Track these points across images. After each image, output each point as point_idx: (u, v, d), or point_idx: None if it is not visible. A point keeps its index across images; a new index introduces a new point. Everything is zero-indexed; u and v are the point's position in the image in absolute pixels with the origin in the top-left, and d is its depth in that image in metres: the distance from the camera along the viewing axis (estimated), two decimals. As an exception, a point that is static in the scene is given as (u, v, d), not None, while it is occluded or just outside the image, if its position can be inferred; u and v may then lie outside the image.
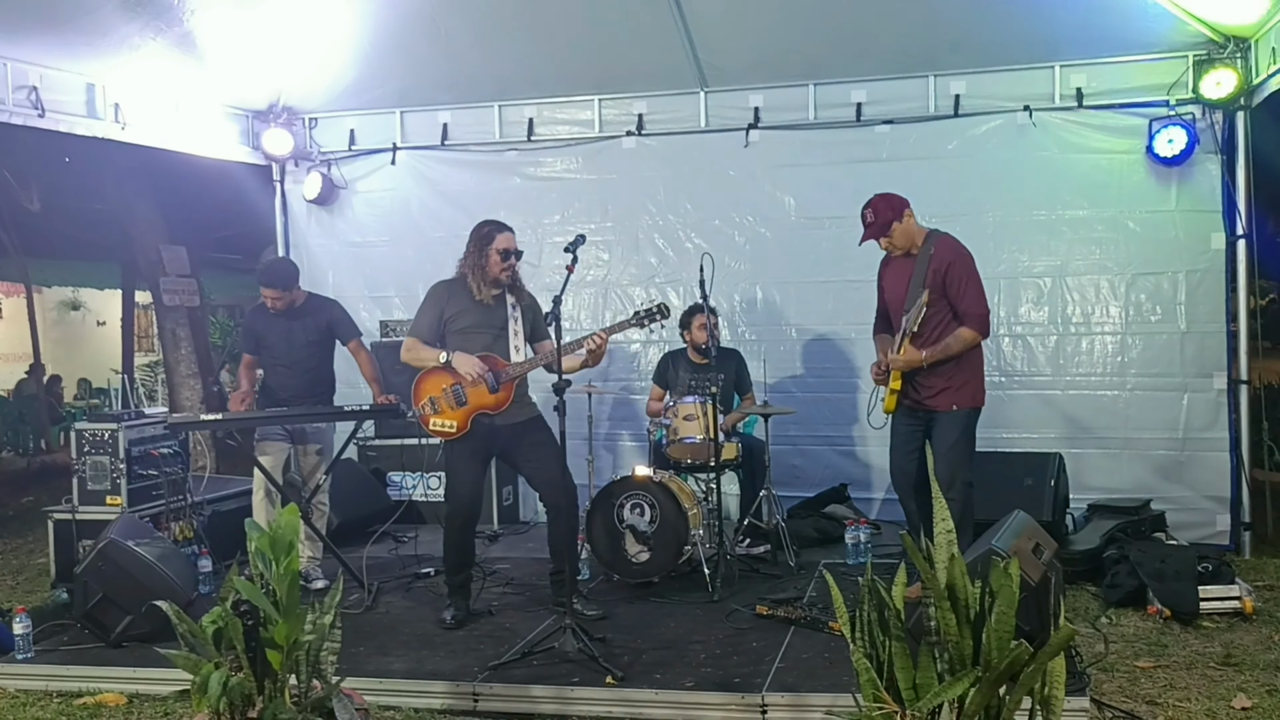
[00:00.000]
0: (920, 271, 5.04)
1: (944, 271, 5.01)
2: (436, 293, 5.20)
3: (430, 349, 5.08)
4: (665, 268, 7.44)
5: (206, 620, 3.27)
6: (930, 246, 5.07)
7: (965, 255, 5.08)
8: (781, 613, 4.97)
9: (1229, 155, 6.35)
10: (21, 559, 7.43)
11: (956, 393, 5.05)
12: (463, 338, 5.08)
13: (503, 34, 6.81)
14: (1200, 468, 6.49)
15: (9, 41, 5.74)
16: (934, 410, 5.09)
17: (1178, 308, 6.56)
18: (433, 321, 5.13)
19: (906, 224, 5.07)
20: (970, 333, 5.02)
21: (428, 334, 5.14)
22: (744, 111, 7.16)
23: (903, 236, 5.08)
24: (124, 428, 5.93)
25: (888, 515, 6.84)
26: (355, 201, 7.93)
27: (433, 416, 5.04)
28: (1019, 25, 6.31)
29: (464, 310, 5.09)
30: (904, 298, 5.09)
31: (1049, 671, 2.84)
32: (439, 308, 5.13)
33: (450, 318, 5.10)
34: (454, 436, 5.05)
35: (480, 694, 4.24)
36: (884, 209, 5.07)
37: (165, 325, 10.58)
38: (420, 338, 5.13)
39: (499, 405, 5.01)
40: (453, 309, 5.10)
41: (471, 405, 5.01)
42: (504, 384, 4.99)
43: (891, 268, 5.27)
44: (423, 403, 5.06)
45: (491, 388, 4.98)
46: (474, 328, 5.08)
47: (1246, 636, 4.81)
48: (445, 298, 5.13)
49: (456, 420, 5.02)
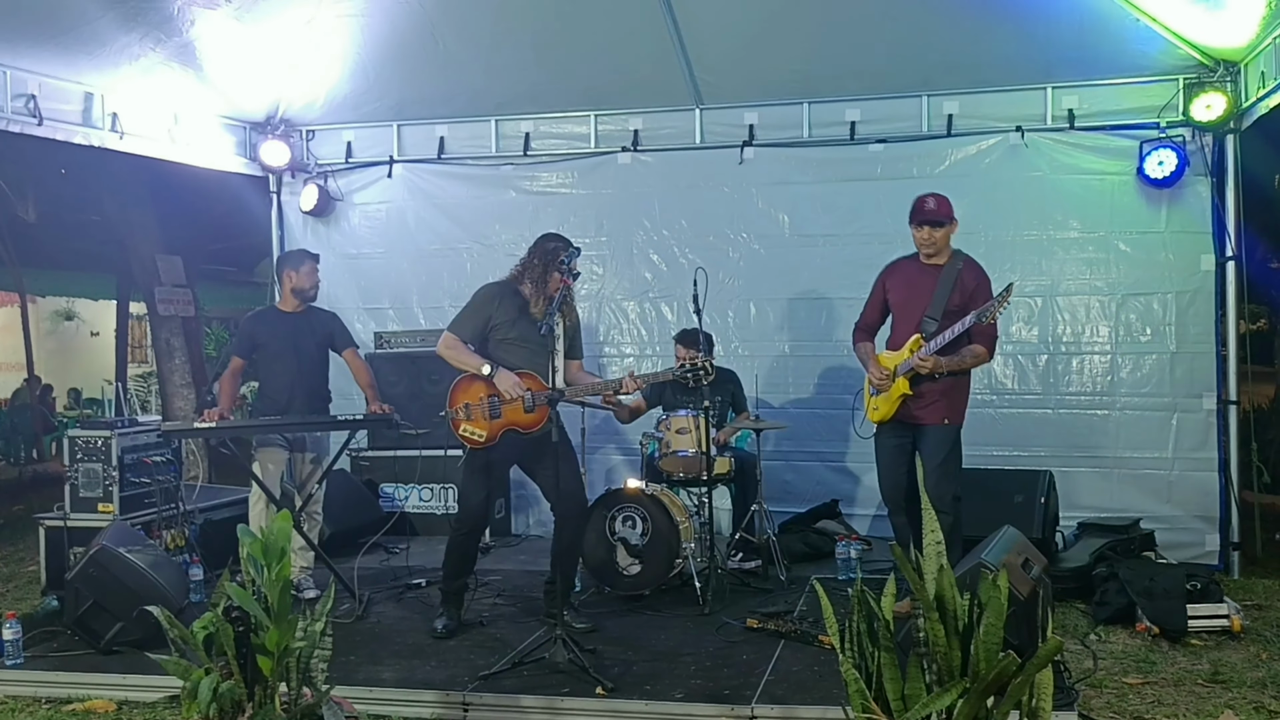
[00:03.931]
0: (948, 283, 5.08)
1: (970, 292, 5.09)
2: (486, 296, 5.10)
3: (474, 356, 5.00)
4: (659, 283, 7.48)
5: (198, 626, 3.27)
6: (959, 263, 5.14)
7: (987, 280, 5.18)
8: (772, 626, 4.99)
9: (1219, 178, 6.41)
10: (12, 566, 7.41)
11: (949, 407, 5.09)
12: (505, 347, 5.02)
13: (500, 49, 6.85)
14: (1190, 488, 6.52)
15: (8, 50, 5.76)
16: (922, 424, 5.11)
17: (1168, 328, 6.61)
18: (479, 325, 5.06)
19: (951, 229, 5.15)
20: (983, 351, 5.09)
21: (470, 336, 5.06)
22: (739, 129, 7.22)
23: (945, 238, 5.15)
24: (117, 435, 5.93)
25: (879, 531, 6.86)
26: (351, 214, 7.96)
27: (464, 423, 5.01)
28: (1012, 47, 6.38)
29: (512, 321, 5.02)
30: (926, 303, 5.09)
31: (1036, 684, 2.86)
32: (487, 313, 5.05)
33: (496, 325, 5.04)
34: (480, 446, 5.03)
35: (470, 703, 4.24)
36: (946, 204, 5.13)
37: (160, 335, 10.59)
38: (462, 337, 5.06)
39: (532, 425, 4.95)
40: (501, 317, 5.03)
41: (505, 420, 4.97)
42: (540, 405, 4.92)
43: (903, 273, 5.28)
44: (457, 406, 5.02)
45: (528, 407, 4.94)
46: (518, 340, 5.01)
47: (1234, 655, 4.83)
48: (495, 303, 5.05)
49: (487, 431, 4.98)
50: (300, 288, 5.91)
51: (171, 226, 11.17)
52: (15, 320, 15.88)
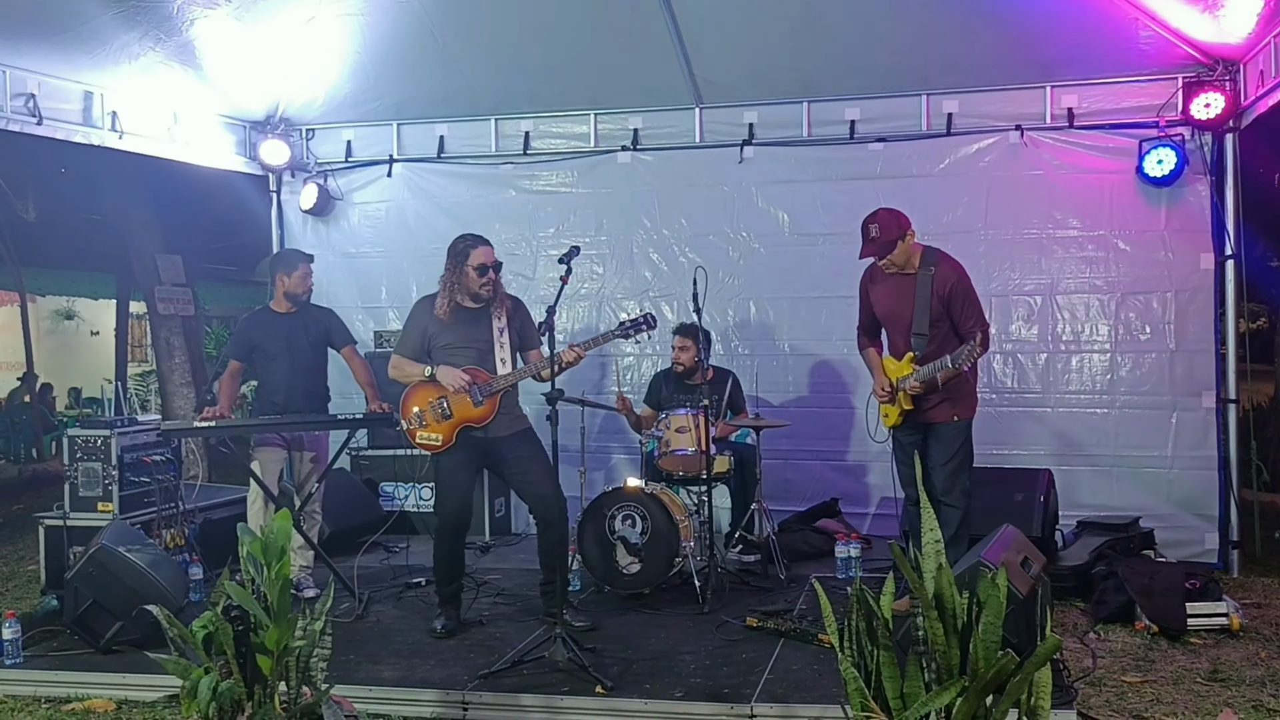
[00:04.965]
0: (925, 295, 5.02)
1: (947, 294, 5.03)
2: (420, 310, 5.20)
3: (415, 364, 5.10)
4: (659, 282, 7.48)
5: (197, 625, 3.28)
6: (930, 266, 5.06)
7: (964, 274, 5.10)
8: (771, 625, 4.99)
9: (1218, 176, 6.40)
10: (11, 566, 7.41)
11: (955, 404, 5.08)
12: (448, 353, 5.08)
13: (500, 48, 6.85)
14: (1189, 486, 6.52)
15: (7, 49, 5.76)
16: (933, 422, 5.12)
17: (1167, 327, 6.61)
18: (417, 339, 5.15)
19: (908, 243, 5.03)
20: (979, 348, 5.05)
21: (412, 351, 5.15)
22: (738, 128, 7.22)
23: (902, 255, 5.04)
24: (117, 434, 5.93)
25: (878, 530, 6.87)
26: (351, 213, 7.96)
27: (419, 430, 5.07)
28: (1011, 46, 6.37)
29: (446, 327, 5.08)
30: (909, 317, 5.07)
31: (1035, 682, 2.86)
32: (422, 325, 5.13)
33: (434, 334, 5.10)
34: (439, 450, 5.06)
35: (470, 702, 4.24)
36: (891, 226, 4.98)
37: (159, 334, 10.60)
38: (405, 355, 5.16)
39: (484, 418, 5.01)
40: (435, 326, 5.09)
41: (457, 419, 5.02)
42: (488, 397, 4.99)
43: (883, 284, 5.24)
44: (410, 417, 5.08)
45: (476, 401, 4.99)
46: (458, 344, 5.07)
47: (1233, 653, 4.83)
48: (428, 315, 5.13)
49: (442, 434, 5.03)
50: (293, 292, 5.92)
51: (171, 225, 11.18)
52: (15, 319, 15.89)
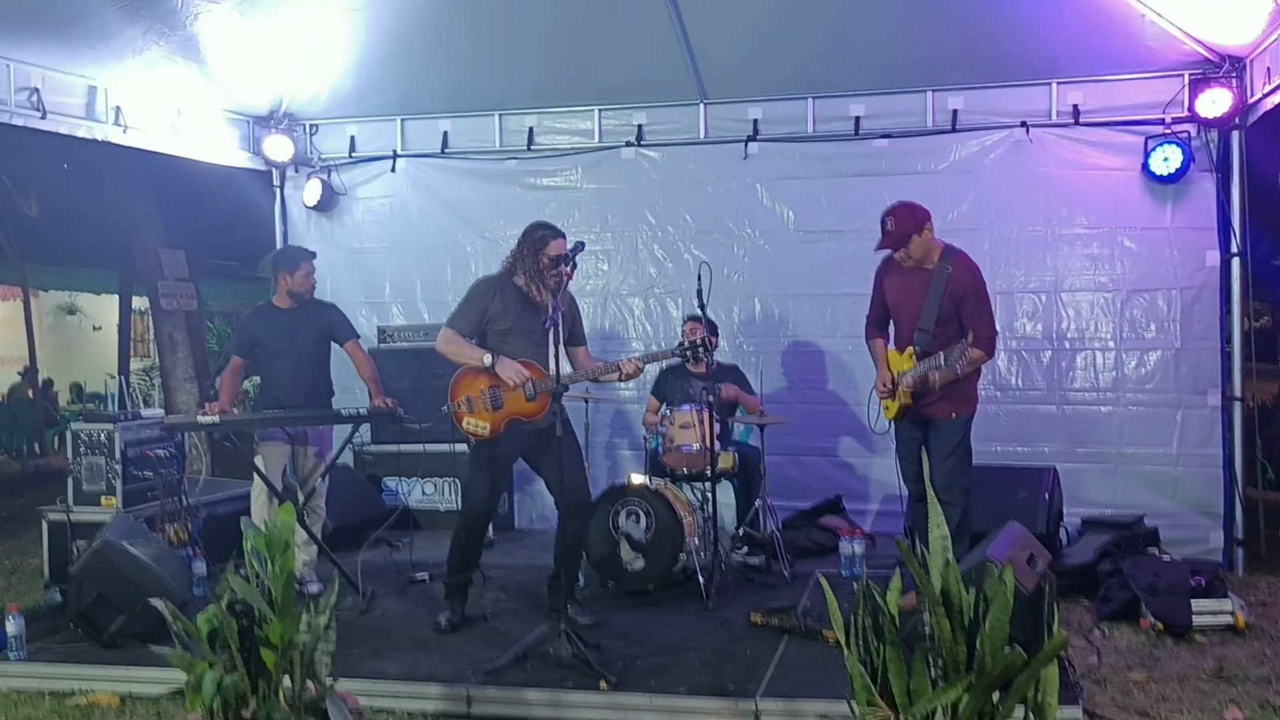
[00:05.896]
0: (937, 291, 5.04)
1: (960, 294, 5.04)
2: (482, 290, 5.11)
3: (474, 348, 5.02)
4: (664, 278, 7.47)
5: (201, 619, 3.27)
6: (947, 265, 5.07)
7: (980, 278, 5.12)
8: (776, 621, 4.98)
9: (1224, 174, 6.38)
10: (15, 560, 7.42)
11: (955, 401, 5.09)
12: (503, 338, 5.02)
13: (504, 44, 6.84)
14: (1194, 484, 6.51)
15: (11, 43, 5.76)
16: (933, 419, 5.13)
17: (1172, 324, 6.59)
18: (476, 319, 5.07)
19: (925, 237, 5.05)
20: (981, 354, 5.07)
21: (468, 330, 5.08)
22: (743, 124, 7.19)
23: (919, 249, 5.06)
24: (120, 428, 5.92)
25: (883, 527, 6.85)
26: (355, 208, 7.95)
27: (467, 415, 5.00)
28: (1017, 42, 6.35)
29: (507, 311, 5.02)
30: (918, 311, 5.09)
31: (1042, 679, 2.85)
32: (483, 306, 5.06)
33: (493, 317, 5.04)
34: (485, 439, 5.02)
35: (474, 697, 4.24)
36: (906, 220, 5.02)
37: (162, 329, 10.59)
38: (460, 332, 5.07)
39: (534, 414, 4.95)
40: (497, 309, 5.03)
41: (508, 410, 4.97)
42: (541, 394, 4.92)
43: (898, 275, 5.25)
44: (459, 400, 5.02)
45: (529, 396, 4.94)
46: (516, 330, 5.02)
47: (1239, 651, 4.82)
48: (491, 296, 5.06)
49: (490, 423, 4.98)
50: (295, 290, 5.91)
51: (174, 221, 11.18)
52: (18, 314, 15.88)
